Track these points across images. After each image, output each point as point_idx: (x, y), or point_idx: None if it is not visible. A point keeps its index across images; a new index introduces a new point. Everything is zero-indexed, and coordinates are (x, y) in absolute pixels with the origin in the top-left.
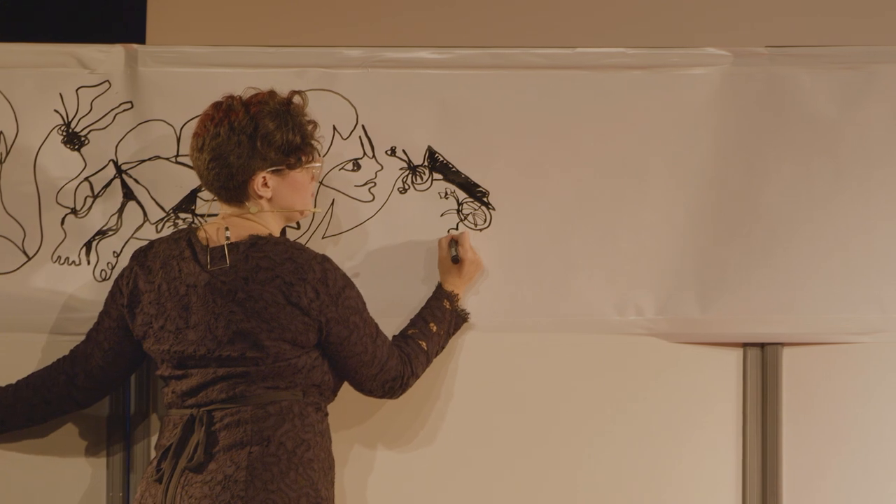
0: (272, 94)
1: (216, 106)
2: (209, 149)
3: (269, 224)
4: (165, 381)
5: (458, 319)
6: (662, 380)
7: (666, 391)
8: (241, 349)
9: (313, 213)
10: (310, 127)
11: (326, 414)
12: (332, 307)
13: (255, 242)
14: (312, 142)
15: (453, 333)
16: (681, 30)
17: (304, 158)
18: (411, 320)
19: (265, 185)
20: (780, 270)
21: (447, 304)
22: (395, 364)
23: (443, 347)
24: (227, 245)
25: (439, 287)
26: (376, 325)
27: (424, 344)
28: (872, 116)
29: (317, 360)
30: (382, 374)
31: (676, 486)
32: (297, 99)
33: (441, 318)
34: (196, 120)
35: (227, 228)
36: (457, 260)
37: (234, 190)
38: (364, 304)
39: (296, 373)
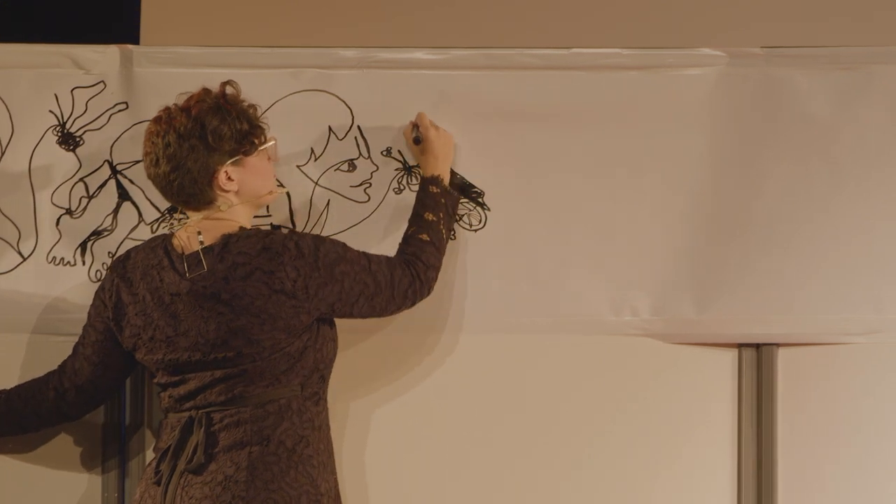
0: (206, 91)
1: (156, 120)
2: (165, 160)
3: (240, 217)
4: (163, 387)
5: (451, 199)
6: (658, 380)
7: (661, 392)
8: (237, 347)
9: (282, 193)
10: (251, 111)
11: (325, 402)
12: (315, 273)
13: (227, 242)
14: (259, 124)
15: (454, 213)
16: (676, 30)
17: (256, 142)
18: (408, 221)
19: (229, 178)
20: (777, 271)
21: (433, 189)
22: (402, 271)
23: (450, 230)
24: (202, 249)
25: (421, 178)
26: (365, 256)
27: (426, 235)
28: (869, 117)
29: (308, 341)
30: (397, 290)
31: (672, 487)
32: (229, 90)
33: (433, 204)
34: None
35: (199, 233)
36: (417, 141)
37: (200, 194)
38: (343, 246)
39: (289, 359)
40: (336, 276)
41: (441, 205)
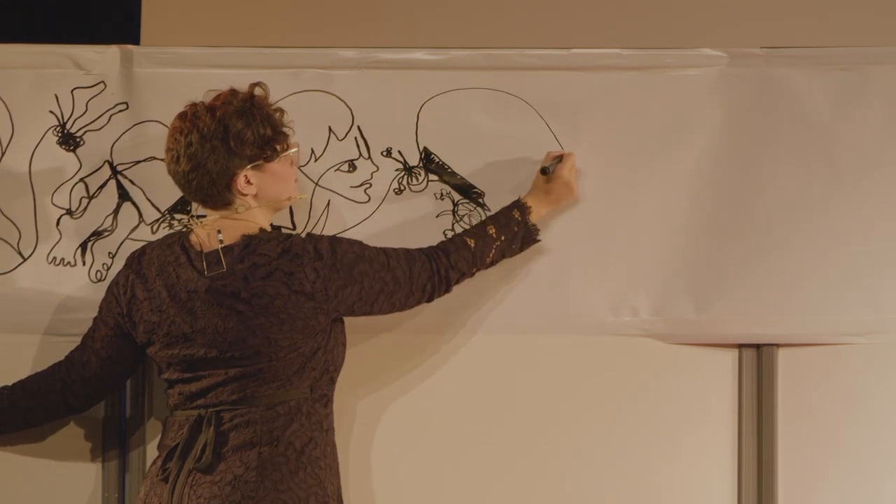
0: (234, 92)
1: (181, 117)
2: (185, 159)
3: (259, 219)
4: (171, 384)
5: (526, 232)
6: (658, 381)
7: (661, 392)
8: (255, 345)
9: (301, 200)
10: (277, 115)
11: (332, 405)
12: (334, 276)
13: (248, 243)
14: (284, 129)
15: (520, 247)
16: (676, 31)
17: (279, 148)
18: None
19: (248, 182)
20: (776, 271)
21: (516, 214)
22: (422, 265)
23: (503, 254)
24: (222, 249)
25: (517, 199)
26: (383, 252)
27: (472, 241)
28: (868, 117)
29: (322, 341)
30: (416, 285)
31: (672, 488)
32: (258, 91)
33: (504, 224)
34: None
35: (219, 232)
36: (545, 172)
37: (218, 195)
38: (360, 245)
39: (302, 359)
40: (355, 276)
41: (511, 230)
